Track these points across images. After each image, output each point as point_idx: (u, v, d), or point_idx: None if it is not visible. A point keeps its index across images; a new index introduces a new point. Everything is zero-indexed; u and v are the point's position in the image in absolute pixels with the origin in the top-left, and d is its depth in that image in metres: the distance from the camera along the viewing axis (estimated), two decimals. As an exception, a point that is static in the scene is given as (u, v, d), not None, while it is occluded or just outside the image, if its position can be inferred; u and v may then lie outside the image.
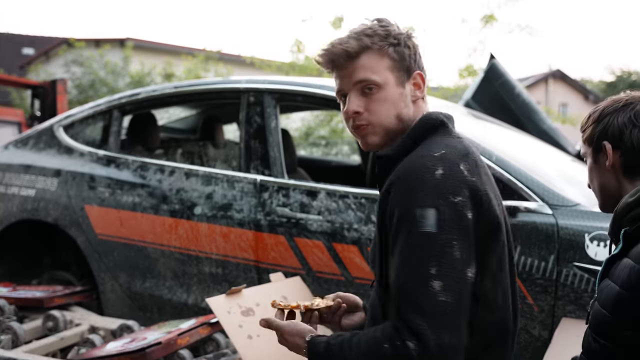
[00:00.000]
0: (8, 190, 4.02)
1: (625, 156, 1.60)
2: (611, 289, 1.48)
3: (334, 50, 1.55)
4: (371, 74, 1.54)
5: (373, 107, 1.54)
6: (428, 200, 1.38)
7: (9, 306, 3.35)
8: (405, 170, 1.45)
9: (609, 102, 1.68)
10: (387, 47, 1.56)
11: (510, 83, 4.67)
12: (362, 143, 1.61)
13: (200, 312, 3.28)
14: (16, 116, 7.87)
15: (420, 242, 1.37)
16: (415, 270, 1.36)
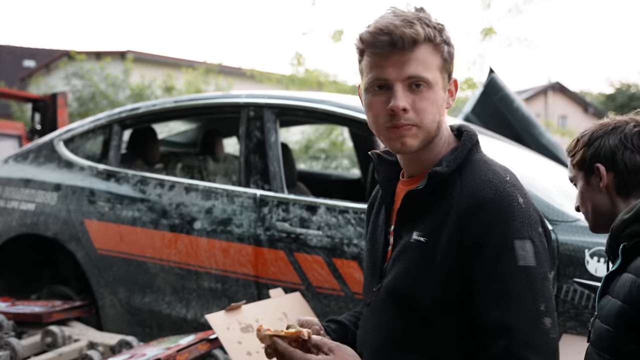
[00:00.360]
0: (8, 204, 4.01)
1: (619, 177, 1.67)
2: (613, 304, 1.49)
3: (400, 33, 1.36)
4: (424, 70, 1.39)
5: (421, 107, 1.40)
6: (524, 232, 1.34)
7: (8, 321, 3.34)
8: (489, 195, 1.36)
9: (597, 127, 1.74)
10: (442, 44, 1.43)
11: (509, 97, 4.69)
12: (395, 144, 1.43)
13: (200, 327, 3.26)
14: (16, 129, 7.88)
15: (523, 276, 1.31)
16: (525, 307, 1.30)
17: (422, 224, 1.43)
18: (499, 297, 1.30)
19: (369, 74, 1.42)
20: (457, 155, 1.44)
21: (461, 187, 1.40)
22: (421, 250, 1.40)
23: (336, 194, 3.53)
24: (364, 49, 1.42)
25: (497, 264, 1.32)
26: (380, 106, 1.41)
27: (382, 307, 1.49)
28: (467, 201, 1.37)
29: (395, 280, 1.45)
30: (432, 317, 1.38)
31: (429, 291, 1.37)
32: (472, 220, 1.35)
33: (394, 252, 1.49)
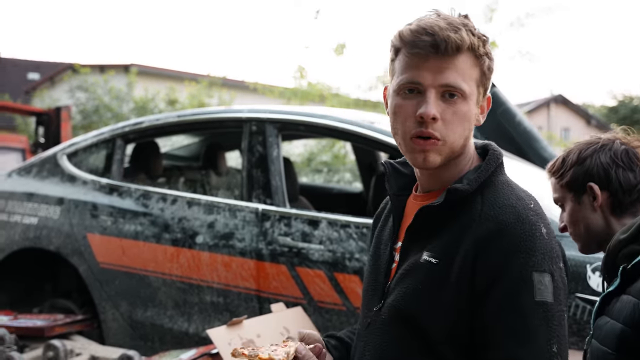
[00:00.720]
0: (11, 218, 4.03)
1: (614, 196, 1.66)
2: (613, 326, 1.48)
3: (444, 35, 1.26)
4: (462, 81, 1.29)
5: (451, 119, 1.29)
6: (544, 265, 1.25)
7: (10, 335, 3.33)
8: (510, 221, 1.27)
9: (583, 146, 1.72)
10: (484, 56, 1.33)
11: (511, 111, 4.69)
12: (417, 158, 1.33)
13: (202, 341, 3.26)
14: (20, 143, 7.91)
15: (540, 312, 1.23)
16: (537, 346, 1.22)
17: (434, 244, 1.33)
18: (512, 333, 1.22)
19: (401, 75, 1.32)
20: (480, 174, 1.35)
21: (481, 209, 1.30)
22: (432, 271, 1.30)
23: (338, 207, 3.54)
24: (401, 48, 1.32)
25: (514, 298, 1.23)
26: (409, 111, 1.31)
27: (383, 328, 1.38)
28: (486, 225, 1.27)
29: (400, 300, 1.34)
30: (437, 344, 1.29)
31: (438, 316, 1.28)
32: (490, 247, 1.25)
33: (399, 269, 1.39)
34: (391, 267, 1.44)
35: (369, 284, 1.50)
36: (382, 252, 1.48)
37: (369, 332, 1.42)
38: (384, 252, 1.47)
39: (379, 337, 1.38)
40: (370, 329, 1.41)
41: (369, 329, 1.42)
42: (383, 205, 1.62)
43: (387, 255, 1.45)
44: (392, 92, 1.35)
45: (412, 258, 1.35)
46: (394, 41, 1.35)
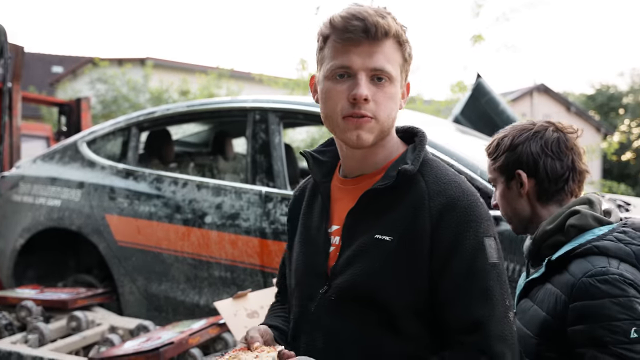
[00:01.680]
0: (36, 200, 4.03)
1: (540, 184, 1.62)
2: (536, 312, 1.49)
3: (374, 21, 1.24)
4: (389, 65, 1.27)
5: (381, 100, 1.27)
6: (490, 230, 1.27)
7: (36, 307, 3.36)
8: (457, 195, 1.27)
9: (517, 131, 1.67)
10: (406, 43, 1.31)
11: (496, 100, 4.67)
12: (351, 136, 1.28)
13: (211, 312, 3.27)
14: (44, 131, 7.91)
15: (494, 273, 1.24)
16: (497, 303, 1.23)
17: (382, 224, 1.28)
18: (474, 295, 1.22)
19: (332, 61, 1.28)
20: (418, 153, 1.33)
21: (427, 186, 1.29)
22: (387, 249, 1.26)
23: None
24: (330, 35, 1.29)
25: (471, 263, 1.23)
26: (340, 94, 1.27)
27: (333, 309, 1.31)
28: (438, 201, 1.26)
29: (356, 279, 1.28)
30: (397, 318, 1.26)
31: (398, 291, 1.25)
32: (444, 221, 1.24)
33: (346, 251, 1.32)
34: (329, 250, 1.36)
35: (304, 269, 1.40)
36: (315, 238, 1.40)
37: (315, 316, 1.34)
38: (318, 237, 1.39)
39: (330, 319, 1.32)
40: (316, 312, 1.34)
41: (315, 312, 1.34)
42: (298, 193, 1.55)
43: (322, 239, 1.38)
44: (323, 78, 1.31)
45: (360, 239, 1.30)
46: (323, 29, 1.31)
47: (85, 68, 19.71)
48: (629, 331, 1.36)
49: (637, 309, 1.37)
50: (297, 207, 1.51)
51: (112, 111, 15.66)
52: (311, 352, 1.31)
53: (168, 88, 16.88)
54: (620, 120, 30.55)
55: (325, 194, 1.41)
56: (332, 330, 1.31)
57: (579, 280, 1.42)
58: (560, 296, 1.45)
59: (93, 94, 16.33)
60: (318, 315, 1.34)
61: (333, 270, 1.33)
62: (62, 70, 27.94)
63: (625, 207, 3.37)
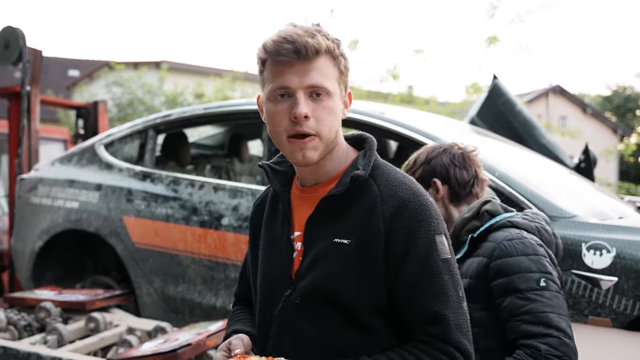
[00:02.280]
0: (54, 202, 4.07)
1: (453, 189, 2.01)
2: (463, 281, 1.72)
3: (303, 42, 1.30)
4: (325, 80, 1.32)
5: (321, 115, 1.32)
6: (440, 228, 1.34)
7: (55, 308, 3.38)
8: (408, 197, 1.33)
9: (430, 149, 2.06)
10: (340, 57, 1.37)
11: (512, 101, 4.64)
12: (297, 156, 1.33)
13: (228, 314, 3.27)
14: (62, 134, 7.97)
15: (446, 268, 1.32)
16: (451, 296, 1.31)
17: (340, 228, 1.34)
18: (428, 291, 1.29)
19: (271, 83, 1.34)
20: (369, 159, 1.38)
21: (379, 190, 1.34)
22: (345, 252, 1.32)
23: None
24: (267, 59, 1.34)
25: (425, 261, 1.30)
26: (282, 114, 1.32)
27: (299, 311, 1.36)
28: (390, 203, 1.32)
29: (318, 282, 1.33)
30: (360, 316, 1.32)
31: (358, 290, 1.31)
32: (398, 221, 1.30)
33: (307, 256, 1.37)
34: (293, 256, 1.41)
35: (269, 274, 1.44)
36: (277, 244, 1.45)
37: (281, 319, 1.38)
38: (280, 243, 1.44)
39: (296, 321, 1.36)
40: (282, 315, 1.38)
41: (280, 315, 1.38)
42: (259, 202, 1.58)
43: (285, 245, 1.42)
44: (265, 99, 1.37)
45: (321, 243, 1.35)
46: (259, 54, 1.36)
47: (101, 72, 19.92)
48: (539, 280, 1.74)
49: (545, 265, 1.79)
50: (259, 215, 1.55)
51: (128, 114, 15.79)
52: (280, 354, 1.34)
53: (183, 91, 16.99)
54: (638, 121, 30.22)
55: (286, 202, 1.45)
56: (298, 332, 1.36)
57: (499, 243, 1.81)
58: (482, 260, 1.82)
59: (109, 98, 16.46)
60: (283, 319, 1.38)
61: (297, 274, 1.38)
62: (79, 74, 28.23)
63: (645, 209, 3.34)
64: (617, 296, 2.40)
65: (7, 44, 4.93)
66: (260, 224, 1.53)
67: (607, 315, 2.41)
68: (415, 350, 1.29)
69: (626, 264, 2.40)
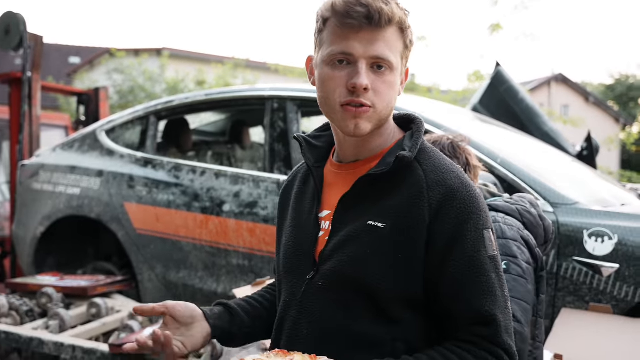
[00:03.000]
0: (56, 188, 4.07)
1: None
2: None
3: (378, 7, 1.19)
4: (390, 53, 1.22)
5: (381, 89, 1.23)
6: (488, 222, 1.25)
7: (57, 294, 3.40)
8: (456, 185, 1.23)
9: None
10: (408, 30, 1.26)
11: (515, 89, 4.62)
12: (349, 125, 1.24)
13: (229, 300, 3.29)
14: (63, 120, 7.96)
15: (492, 266, 1.23)
16: (499, 295, 1.22)
17: (377, 210, 1.25)
18: (479, 288, 1.20)
19: (331, 46, 1.23)
20: (416, 140, 1.29)
21: (425, 175, 1.25)
22: (380, 236, 1.22)
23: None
24: (330, 18, 1.23)
25: (474, 256, 1.21)
26: (339, 81, 1.22)
27: (320, 295, 1.28)
28: (437, 190, 1.22)
29: (344, 264, 1.25)
30: (386, 304, 1.22)
31: (389, 278, 1.21)
32: (446, 210, 1.21)
33: (335, 236, 1.28)
34: (319, 235, 1.32)
35: (293, 253, 1.36)
36: (304, 222, 1.36)
37: (302, 301, 1.30)
38: (307, 222, 1.35)
39: (316, 304, 1.28)
40: (303, 297, 1.30)
41: (302, 297, 1.30)
42: (291, 178, 1.50)
43: (312, 224, 1.34)
44: (321, 62, 1.26)
45: (352, 225, 1.26)
46: (323, 11, 1.25)
47: (102, 59, 19.84)
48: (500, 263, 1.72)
49: (511, 248, 1.84)
50: (289, 192, 1.47)
51: (129, 101, 15.77)
52: (295, 338, 1.29)
53: (184, 78, 16.96)
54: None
55: (318, 179, 1.36)
56: (318, 316, 1.27)
57: None
58: None
59: (110, 85, 16.43)
60: (304, 301, 1.29)
61: (321, 256, 1.29)
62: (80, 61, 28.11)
63: (648, 196, 3.33)
64: (618, 283, 2.41)
65: (8, 30, 4.91)
66: (288, 202, 1.44)
67: (608, 302, 2.42)
68: (458, 350, 1.20)
69: (628, 251, 2.40)
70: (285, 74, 14.02)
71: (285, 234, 1.40)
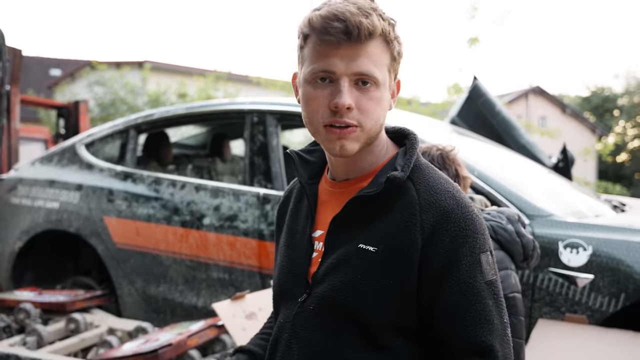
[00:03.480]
0: (34, 203, 4.02)
1: None
2: None
3: (356, 21, 1.11)
4: (374, 67, 1.14)
5: (366, 106, 1.15)
6: (486, 245, 1.17)
7: (35, 310, 3.34)
8: (451, 207, 1.16)
9: None
10: (394, 41, 1.18)
11: (491, 102, 4.68)
12: (334, 147, 1.17)
13: (209, 314, 3.26)
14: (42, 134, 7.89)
15: (490, 291, 1.15)
16: (497, 322, 1.14)
17: (368, 233, 1.18)
18: (475, 317, 1.13)
19: (312, 64, 1.16)
20: (409, 158, 1.21)
21: (418, 196, 1.17)
22: (371, 260, 1.16)
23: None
24: (310, 35, 1.16)
25: (469, 282, 1.13)
26: (321, 101, 1.15)
27: (311, 320, 1.22)
28: (431, 212, 1.15)
29: (336, 290, 1.18)
30: (376, 331, 1.16)
31: (380, 304, 1.15)
32: (440, 234, 1.13)
33: (327, 259, 1.22)
34: (312, 256, 1.26)
35: (286, 274, 1.30)
36: (298, 241, 1.30)
37: (293, 325, 1.24)
38: (301, 241, 1.29)
39: (306, 329, 1.21)
40: (295, 320, 1.24)
41: (294, 320, 1.24)
42: (287, 194, 1.44)
43: (306, 244, 1.28)
44: (303, 80, 1.19)
45: (344, 247, 1.20)
46: (302, 28, 1.18)
47: (83, 71, 19.74)
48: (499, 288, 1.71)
49: None
50: (284, 209, 1.41)
51: (110, 114, 15.67)
52: None
53: (166, 91, 16.90)
54: (615, 121, 30.64)
55: (312, 197, 1.30)
56: (308, 341, 1.21)
57: None
58: None
59: (91, 97, 16.32)
60: (296, 325, 1.23)
61: (314, 278, 1.23)
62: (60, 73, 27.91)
63: (621, 207, 3.38)
64: (593, 293, 2.43)
65: (-14, 43, 4.85)
66: (284, 219, 1.39)
67: (583, 312, 2.44)
68: None
69: (602, 261, 2.43)
70: (267, 86, 14.02)
71: (280, 253, 1.35)
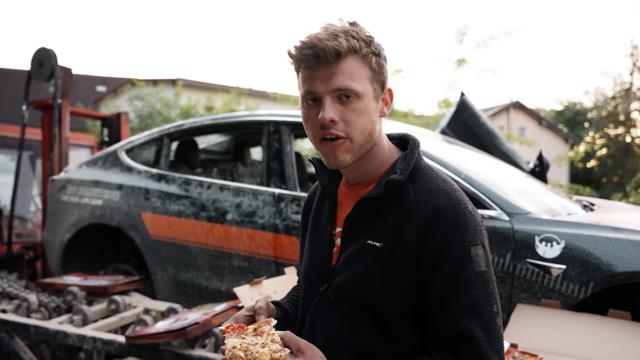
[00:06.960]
0: (81, 200, 4.04)
1: None
2: None
3: (323, 45, 1.11)
4: (352, 82, 1.13)
5: (350, 118, 1.14)
6: (477, 239, 1.13)
7: (81, 292, 3.36)
8: (444, 204, 1.13)
9: None
10: (370, 55, 1.16)
11: (477, 114, 4.65)
12: (329, 159, 1.17)
13: (231, 297, 3.27)
14: (89, 141, 7.91)
15: (480, 282, 1.11)
16: (484, 311, 1.10)
17: (375, 230, 1.17)
18: (462, 305, 1.09)
19: (302, 88, 1.17)
20: (408, 162, 1.20)
21: (415, 195, 1.16)
22: (377, 255, 1.15)
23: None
24: (294, 64, 1.18)
25: (457, 273, 1.10)
26: (313, 119, 1.16)
27: (331, 307, 1.21)
28: (425, 210, 1.13)
29: (349, 281, 1.18)
30: (387, 320, 1.15)
31: (387, 295, 1.14)
32: (432, 229, 1.11)
33: (343, 253, 1.22)
34: (332, 251, 1.27)
35: (310, 265, 1.31)
36: (321, 238, 1.30)
37: (316, 311, 1.24)
38: (324, 237, 1.29)
39: (327, 316, 1.21)
40: (317, 307, 1.24)
41: (316, 307, 1.25)
42: (311, 194, 1.45)
43: (327, 240, 1.28)
44: (300, 103, 1.21)
45: (356, 243, 1.20)
46: (289, 60, 1.19)
47: (124, 87, 19.82)
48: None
49: None
50: (309, 208, 1.42)
51: (148, 124, 15.73)
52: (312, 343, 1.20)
53: (195, 104, 16.94)
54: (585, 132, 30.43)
55: (331, 198, 1.30)
56: (329, 328, 1.20)
57: None
58: None
59: (131, 110, 16.40)
60: (318, 312, 1.23)
61: (332, 270, 1.23)
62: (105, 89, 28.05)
63: (591, 207, 3.35)
64: (565, 282, 2.41)
65: (41, 63, 4.89)
66: (308, 217, 1.40)
67: (557, 298, 2.42)
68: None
69: (573, 254, 2.41)
70: (282, 101, 14.05)
71: (306, 248, 1.36)
